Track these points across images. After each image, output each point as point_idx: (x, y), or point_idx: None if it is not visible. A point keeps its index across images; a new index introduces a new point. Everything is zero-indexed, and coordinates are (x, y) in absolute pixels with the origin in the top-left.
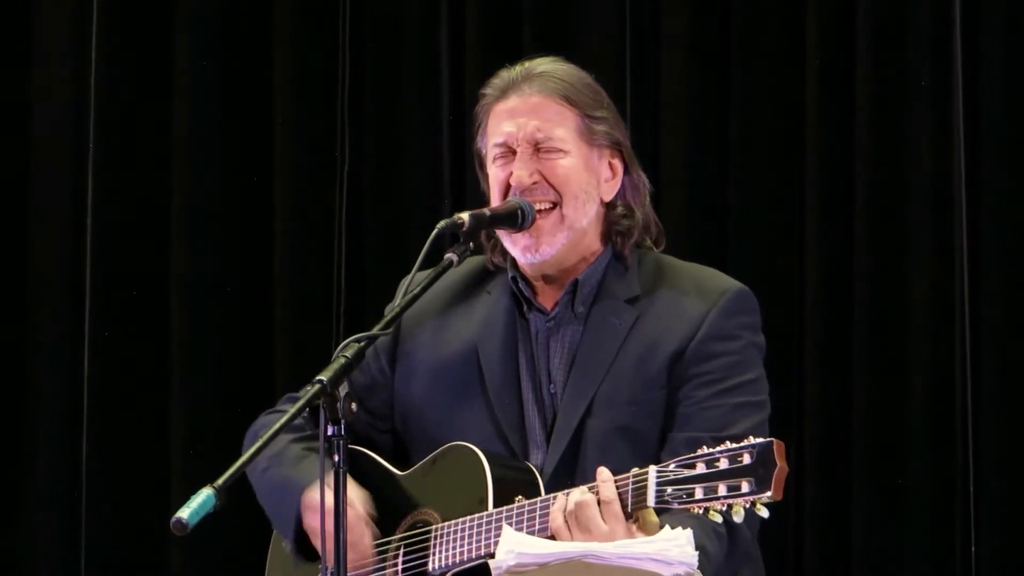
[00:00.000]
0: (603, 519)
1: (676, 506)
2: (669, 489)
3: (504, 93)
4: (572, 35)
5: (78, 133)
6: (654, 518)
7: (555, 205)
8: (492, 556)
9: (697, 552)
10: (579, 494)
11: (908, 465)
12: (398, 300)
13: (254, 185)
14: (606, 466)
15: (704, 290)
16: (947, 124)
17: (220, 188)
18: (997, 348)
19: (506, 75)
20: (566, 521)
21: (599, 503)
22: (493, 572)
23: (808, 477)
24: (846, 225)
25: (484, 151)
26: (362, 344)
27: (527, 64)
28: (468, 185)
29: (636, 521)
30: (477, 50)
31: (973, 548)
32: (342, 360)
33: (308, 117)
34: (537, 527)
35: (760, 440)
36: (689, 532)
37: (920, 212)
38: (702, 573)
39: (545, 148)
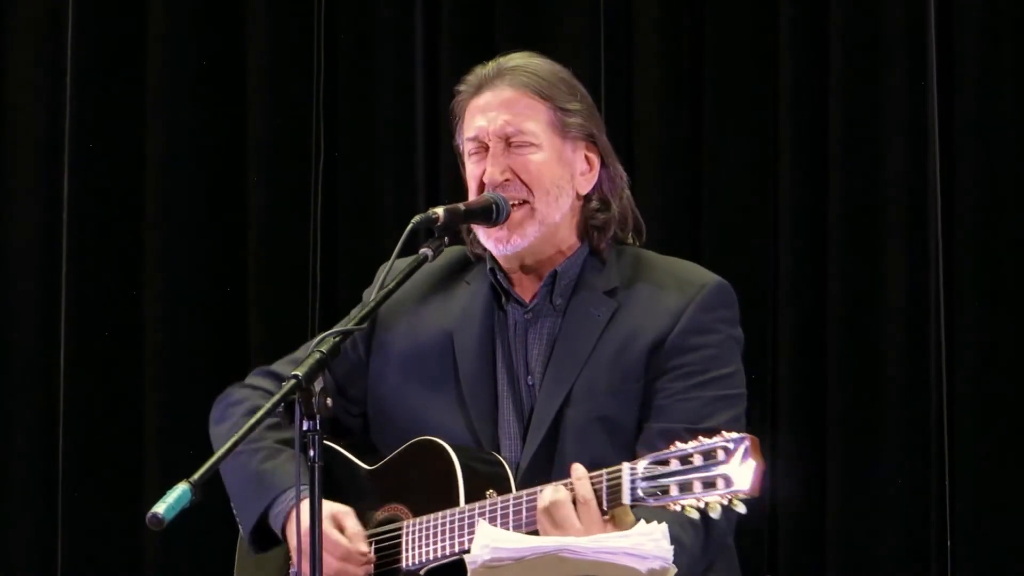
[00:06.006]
0: (579, 519)
1: (651, 503)
2: (644, 485)
3: (478, 89)
4: (547, 27)
5: (52, 135)
6: (630, 516)
7: (526, 202)
8: (466, 552)
9: (672, 546)
10: (552, 492)
11: (882, 457)
12: (375, 288)
13: (229, 179)
14: (584, 456)
15: (683, 283)
16: (922, 121)
17: (194, 182)
18: (971, 340)
19: (480, 71)
20: (541, 517)
21: (575, 502)
22: (468, 567)
23: (781, 469)
24: (821, 217)
25: (461, 147)
26: (337, 339)
27: (500, 60)
28: (442, 179)
29: (611, 520)
30: (452, 45)
31: (949, 543)
32: (317, 355)
33: (283, 112)
34: (511, 523)
35: (734, 436)
36: (664, 527)
37: (896, 204)
38: (678, 564)
39: (516, 143)
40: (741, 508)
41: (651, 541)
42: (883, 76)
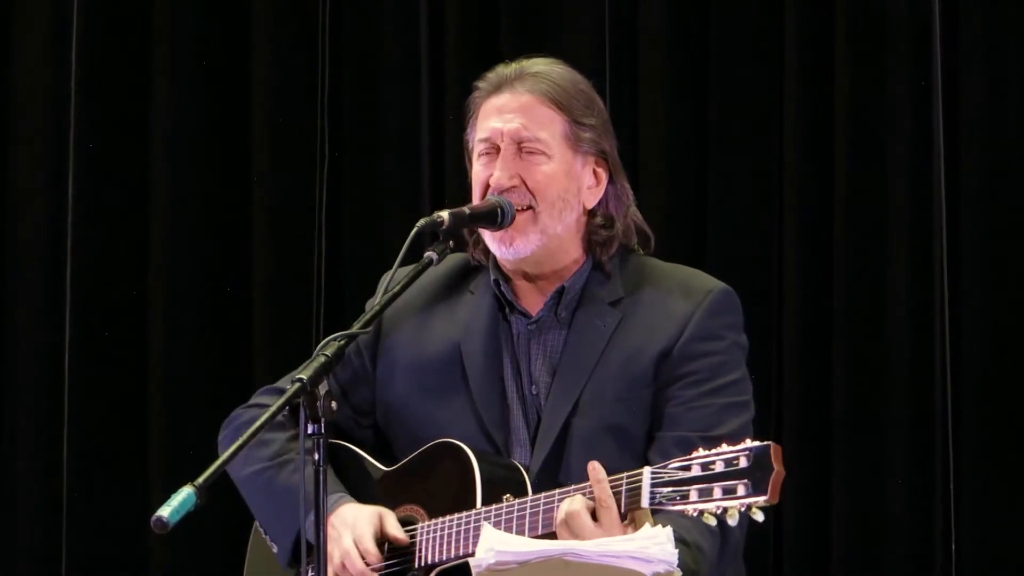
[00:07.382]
0: (599, 522)
1: (670, 508)
2: (664, 490)
3: (497, 88)
4: (552, 30)
5: (58, 134)
6: (649, 519)
7: (531, 208)
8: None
9: (679, 549)
10: (568, 503)
11: (886, 457)
12: (379, 296)
13: (233, 182)
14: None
15: (689, 290)
16: (926, 125)
17: (200, 186)
18: (976, 347)
19: (502, 71)
20: (560, 529)
21: (596, 505)
22: (473, 570)
23: (785, 469)
24: (826, 223)
25: (471, 144)
26: (342, 343)
27: (524, 62)
28: (447, 182)
29: (632, 523)
30: (457, 46)
31: (953, 547)
32: (322, 359)
33: (288, 114)
34: (527, 526)
35: (757, 443)
36: (669, 530)
37: (899, 210)
38: (697, 570)
39: (528, 149)
40: (759, 516)
41: (656, 544)
42: (887, 77)
